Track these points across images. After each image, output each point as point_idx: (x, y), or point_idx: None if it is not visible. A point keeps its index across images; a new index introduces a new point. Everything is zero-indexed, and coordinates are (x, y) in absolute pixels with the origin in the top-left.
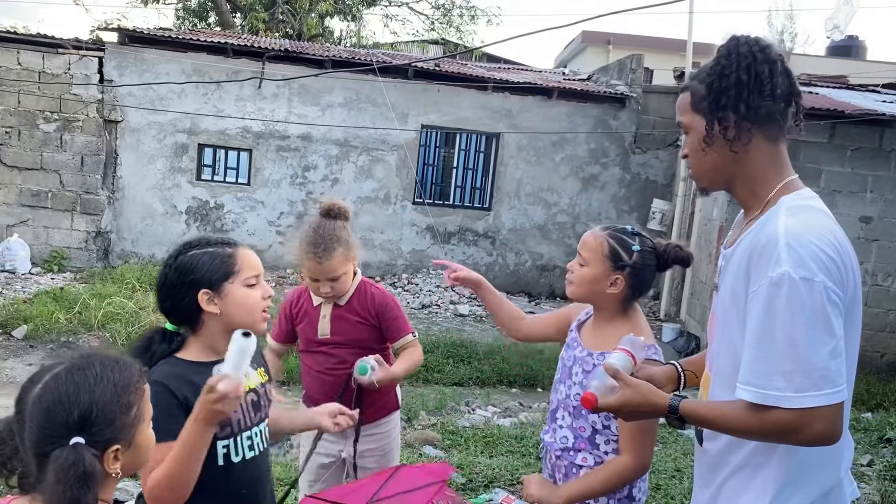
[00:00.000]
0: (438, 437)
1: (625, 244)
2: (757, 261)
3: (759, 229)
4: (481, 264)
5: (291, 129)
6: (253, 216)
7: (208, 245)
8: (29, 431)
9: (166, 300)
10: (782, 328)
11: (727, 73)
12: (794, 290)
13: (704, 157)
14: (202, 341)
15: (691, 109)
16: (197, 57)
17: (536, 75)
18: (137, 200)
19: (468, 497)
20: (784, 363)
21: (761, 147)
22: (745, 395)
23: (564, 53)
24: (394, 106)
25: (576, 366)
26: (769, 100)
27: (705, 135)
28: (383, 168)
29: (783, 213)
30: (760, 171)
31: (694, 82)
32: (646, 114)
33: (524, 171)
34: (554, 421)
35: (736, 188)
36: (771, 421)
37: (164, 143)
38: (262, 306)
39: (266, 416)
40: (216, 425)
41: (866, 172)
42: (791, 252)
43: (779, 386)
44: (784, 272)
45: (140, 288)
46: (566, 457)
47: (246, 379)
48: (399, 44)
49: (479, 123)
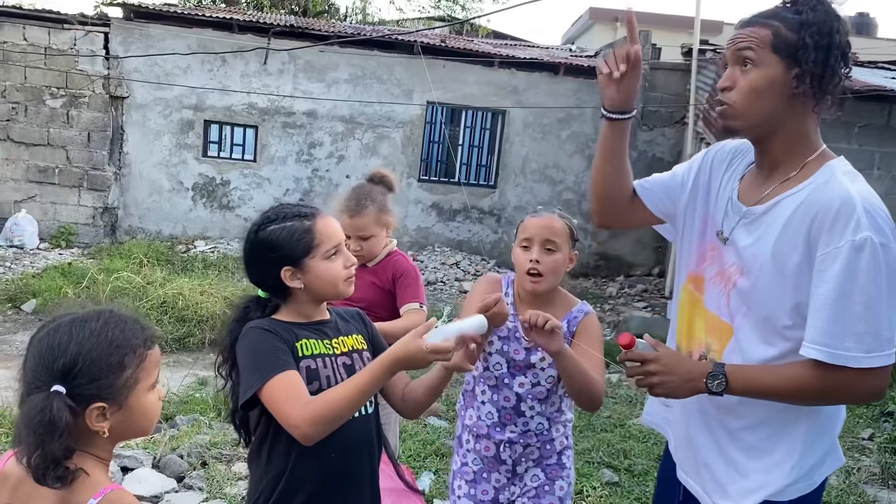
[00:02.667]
0: (443, 409)
1: (571, 220)
2: (832, 223)
3: (817, 190)
4: (486, 242)
5: (297, 105)
6: (259, 193)
7: (286, 219)
8: (23, 374)
9: (253, 273)
10: (861, 291)
11: (828, 32)
12: (875, 254)
13: (761, 97)
14: (293, 308)
15: (770, 48)
16: (202, 32)
17: (543, 51)
18: (144, 176)
19: None
20: (857, 324)
21: (810, 113)
22: (814, 353)
23: (572, 31)
24: (399, 82)
25: (533, 355)
26: (839, 75)
27: (780, 79)
28: (389, 145)
29: (844, 178)
30: (805, 132)
31: (776, 22)
32: (653, 91)
33: (530, 148)
34: (520, 415)
35: (773, 141)
36: (833, 379)
37: (171, 119)
38: (343, 276)
39: None
40: (393, 374)
41: (874, 149)
42: (870, 217)
43: (849, 346)
44: (866, 237)
45: (147, 263)
46: (542, 438)
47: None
48: (405, 20)
49: (485, 100)
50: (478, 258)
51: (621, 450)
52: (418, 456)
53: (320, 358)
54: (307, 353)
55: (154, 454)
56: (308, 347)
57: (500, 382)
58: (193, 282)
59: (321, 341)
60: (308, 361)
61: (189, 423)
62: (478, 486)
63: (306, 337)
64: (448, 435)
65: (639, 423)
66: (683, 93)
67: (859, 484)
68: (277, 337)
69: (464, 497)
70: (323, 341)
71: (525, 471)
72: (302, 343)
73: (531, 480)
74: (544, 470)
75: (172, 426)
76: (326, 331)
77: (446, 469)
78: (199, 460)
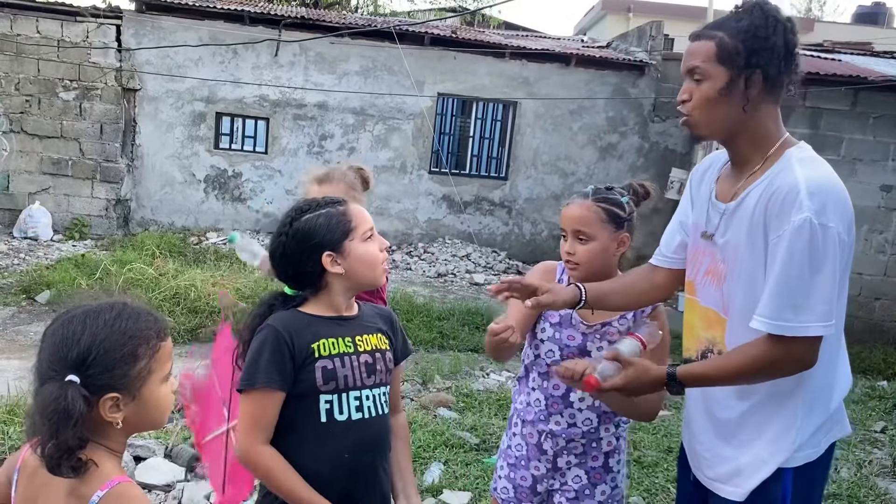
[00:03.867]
0: (453, 400)
1: (615, 201)
2: (778, 209)
3: (772, 180)
4: (497, 234)
5: (308, 97)
6: (271, 185)
7: (319, 206)
8: (37, 364)
9: (287, 268)
10: (798, 267)
11: (765, 35)
12: (813, 233)
13: (715, 107)
14: (324, 300)
15: (714, 59)
16: (214, 24)
17: (554, 42)
18: (156, 169)
19: (480, 456)
20: (795, 297)
21: (769, 107)
22: (757, 324)
23: (584, 21)
24: (410, 74)
25: (590, 343)
26: (790, 69)
27: (725, 87)
28: (399, 137)
29: (796, 165)
30: (764, 128)
31: (720, 34)
32: (665, 81)
33: (541, 139)
34: (568, 406)
35: (737, 142)
36: (781, 350)
37: (182, 111)
38: (382, 258)
39: (382, 383)
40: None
41: (889, 140)
42: (812, 199)
43: (788, 317)
44: (805, 217)
45: (160, 255)
46: (589, 437)
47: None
48: (416, 11)
49: (496, 91)
50: (489, 250)
51: (631, 441)
52: (428, 446)
53: (339, 357)
54: (325, 354)
55: (166, 444)
56: (327, 348)
57: (551, 370)
58: (205, 273)
59: (342, 339)
60: (325, 362)
61: None
62: (517, 471)
63: (328, 336)
64: (458, 426)
65: None
66: None
67: (871, 476)
68: (286, 346)
69: (503, 478)
70: (345, 339)
71: (568, 467)
72: (321, 344)
73: (573, 481)
74: (588, 472)
75: (184, 416)
76: (351, 327)
77: (456, 460)
78: None
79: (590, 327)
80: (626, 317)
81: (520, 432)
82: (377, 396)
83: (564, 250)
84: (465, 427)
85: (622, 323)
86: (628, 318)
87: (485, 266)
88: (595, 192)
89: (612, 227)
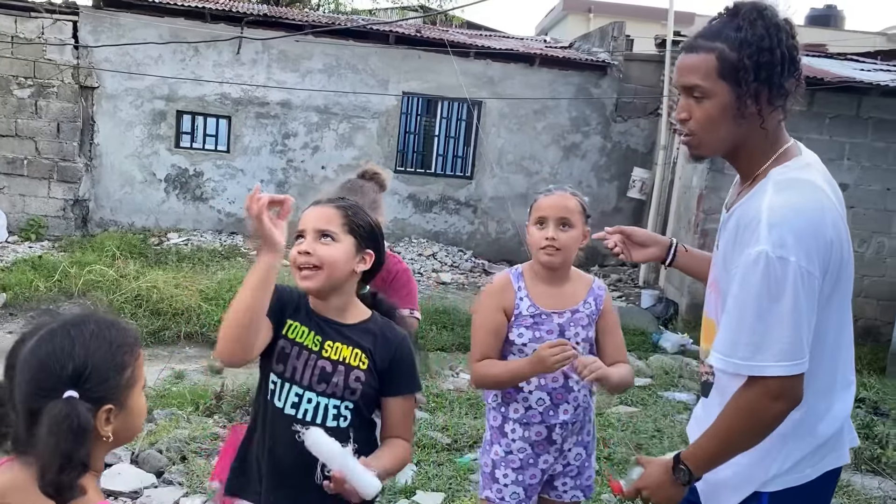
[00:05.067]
0: (423, 400)
1: (582, 197)
2: (741, 236)
3: (747, 203)
4: (463, 233)
5: (271, 95)
6: (233, 184)
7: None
8: (21, 386)
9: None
10: (752, 304)
11: (769, 46)
12: (769, 268)
13: (720, 126)
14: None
15: (716, 75)
16: (174, 22)
17: (518, 42)
18: (115, 168)
19: (452, 456)
20: (751, 335)
21: (773, 118)
22: (713, 360)
23: (545, 21)
24: (374, 72)
25: (567, 331)
26: (793, 78)
27: (732, 105)
28: (364, 136)
29: (770, 189)
30: (762, 143)
31: (720, 45)
32: (627, 82)
33: (506, 139)
34: (570, 391)
35: (737, 158)
36: (744, 395)
37: (142, 109)
38: (290, 258)
39: (335, 396)
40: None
41: (844, 140)
42: (771, 230)
43: (742, 355)
44: (762, 250)
45: (120, 256)
46: (587, 412)
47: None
48: (378, 10)
49: (461, 91)
50: (455, 249)
51: (601, 438)
52: None
53: (299, 348)
54: (291, 336)
55: (132, 449)
56: (295, 331)
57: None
58: (168, 274)
59: (312, 334)
60: (285, 343)
61: (167, 417)
62: (526, 472)
63: (302, 322)
64: (430, 426)
65: (617, 412)
66: (657, 84)
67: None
68: (279, 295)
69: (511, 484)
70: (316, 337)
71: (569, 449)
72: (294, 325)
73: (574, 459)
74: (585, 447)
75: (150, 420)
76: (328, 330)
77: (428, 461)
78: (179, 455)
79: (561, 316)
80: (587, 301)
81: (521, 436)
82: (323, 406)
83: (546, 236)
84: (437, 427)
85: (586, 307)
86: (589, 302)
87: (451, 265)
88: (558, 186)
89: (584, 219)
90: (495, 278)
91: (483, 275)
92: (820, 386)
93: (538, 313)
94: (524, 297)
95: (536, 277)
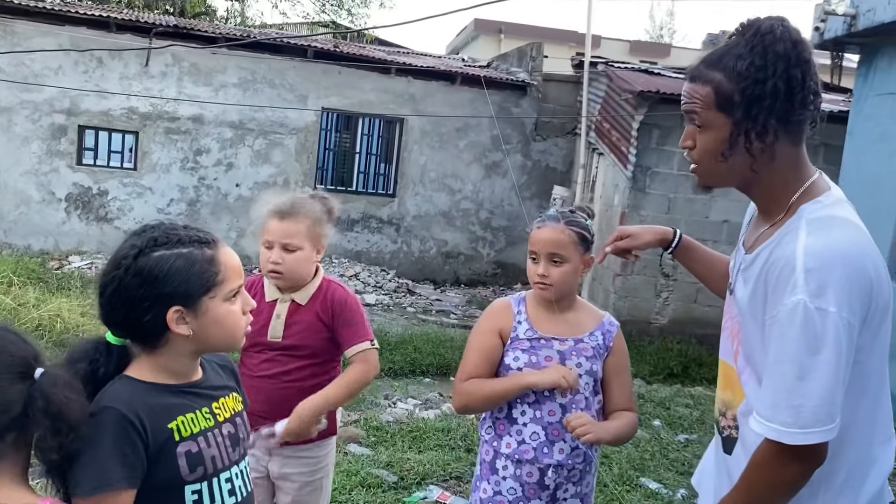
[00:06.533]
0: (363, 434)
1: (581, 224)
2: (774, 284)
3: (777, 245)
4: (386, 252)
5: (182, 110)
6: (140, 203)
7: (180, 243)
8: None
9: (116, 312)
10: (793, 361)
11: (763, 78)
12: (808, 320)
13: (720, 161)
14: (162, 363)
15: (714, 107)
16: (76, 31)
17: (437, 60)
18: (10, 187)
19: (400, 495)
20: (792, 397)
21: (785, 152)
22: (753, 424)
23: (457, 41)
24: (292, 87)
25: (568, 360)
26: (801, 108)
27: (729, 138)
28: (282, 152)
29: (803, 229)
30: (780, 176)
31: (718, 75)
32: (545, 101)
33: (428, 157)
34: (566, 430)
35: (753, 192)
36: (766, 457)
37: (40, 124)
38: (244, 324)
39: (245, 453)
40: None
41: None
42: (809, 278)
43: (783, 420)
44: (799, 301)
45: (17, 282)
46: (587, 458)
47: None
48: (287, 25)
49: (383, 107)
50: (378, 269)
51: None
52: (343, 489)
53: (203, 436)
54: (186, 434)
55: None
56: (187, 426)
57: (539, 397)
58: (72, 302)
59: (201, 412)
60: (188, 444)
61: None
62: None
63: (184, 411)
64: (372, 463)
65: None
66: (574, 104)
67: None
68: (138, 434)
69: None
70: (202, 411)
71: (564, 499)
72: (180, 422)
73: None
74: (582, 499)
75: None
76: (205, 394)
77: (374, 502)
78: None
79: (563, 343)
80: (594, 334)
81: (512, 474)
82: (244, 472)
83: (537, 272)
84: (381, 464)
85: (592, 339)
86: (597, 335)
87: (374, 286)
88: (563, 215)
89: (582, 248)
90: (498, 303)
91: (408, 295)
92: (863, 441)
93: (536, 338)
94: (522, 321)
95: (539, 304)
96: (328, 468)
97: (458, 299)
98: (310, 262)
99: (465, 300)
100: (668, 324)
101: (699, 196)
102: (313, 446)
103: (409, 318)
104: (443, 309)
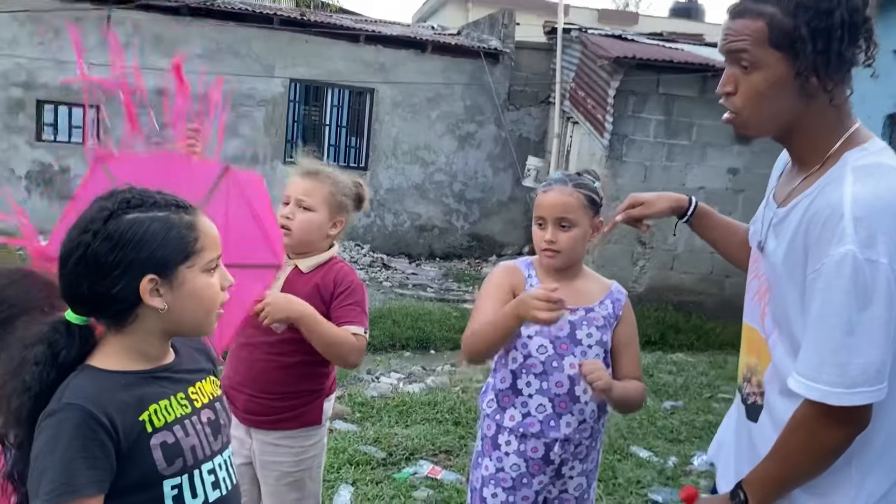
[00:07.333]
0: (348, 411)
1: (590, 186)
2: (818, 235)
3: (819, 195)
4: (359, 226)
5: (145, 82)
6: None
7: (156, 206)
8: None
9: (81, 283)
10: (838, 315)
11: (828, 8)
12: (857, 272)
13: (771, 101)
14: (125, 343)
15: (768, 44)
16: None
17: (407, 29)
18: None
19: (390, 472)
20: (838, 353)
21: (838, 94)
22: (794, 385)
23: (424, 10)
24: (259, 57)
25: (579, 330)
26: (862, 44)
27: (787, 79)
28: (249, 125)
29: (850, 176)
30: (826, 121)
31: (771, 8)
32: (518, 70)
33: (400, 128)
34: (576, 402)
35: (793, 139)
36: (806, 418)
37: None
38: (221, 301)
39: (229, 439)
40: None
41: None
42: (858, 227)
43: (829, 379)
44: (847, 251)
45: None
46: (594, 432)
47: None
48: None
49: (352, 77)
50: (351, 244)
51: None
52: (331, 467)
53: (180, 424)
54: (160, 424)
55: None
56: (161, 414)
57: (547, 367)
58: None
59: (176, 398)
60: (164, 435)
61: None
62: (517, 493)
63: (157, 398)
64: (360, 439)
65: None
66: (547, 72)
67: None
68: (104, 430)
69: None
70: (177, 397)
71: (570, 476)
72: (153, 411)
73: (575, 489)
74: (587, 476)
75: None
76: (179, 378)
77: (364, 479)
78: None
79: (573, 312)
80: (604, 303)
81: (515, 450)
82: (227, 462)
83: (545, 238)
84: (368, 440)
85: (602, 308)
86: (606, 304)
87: (350, 261)
88: (570, 177)
89: (592, 212)
90: (505, 265)
91: (383, 269)
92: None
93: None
94: (534, 285)
95: (545, 271)
96: (313, 466)
97: (434, 273)
98: (322, 229)
99: (441, 273)
100: (645, 291)
101: (674, 163)
102: (297, 433)
103: (386, 293)
104: (420, 283)
